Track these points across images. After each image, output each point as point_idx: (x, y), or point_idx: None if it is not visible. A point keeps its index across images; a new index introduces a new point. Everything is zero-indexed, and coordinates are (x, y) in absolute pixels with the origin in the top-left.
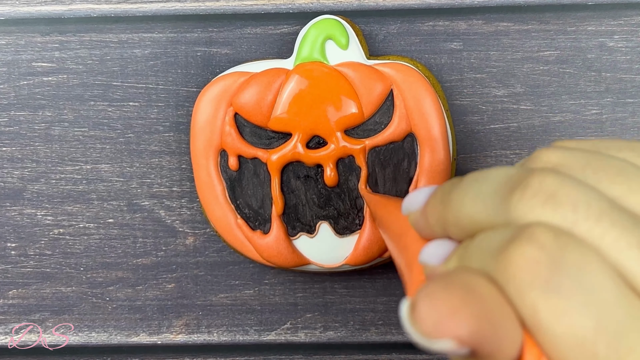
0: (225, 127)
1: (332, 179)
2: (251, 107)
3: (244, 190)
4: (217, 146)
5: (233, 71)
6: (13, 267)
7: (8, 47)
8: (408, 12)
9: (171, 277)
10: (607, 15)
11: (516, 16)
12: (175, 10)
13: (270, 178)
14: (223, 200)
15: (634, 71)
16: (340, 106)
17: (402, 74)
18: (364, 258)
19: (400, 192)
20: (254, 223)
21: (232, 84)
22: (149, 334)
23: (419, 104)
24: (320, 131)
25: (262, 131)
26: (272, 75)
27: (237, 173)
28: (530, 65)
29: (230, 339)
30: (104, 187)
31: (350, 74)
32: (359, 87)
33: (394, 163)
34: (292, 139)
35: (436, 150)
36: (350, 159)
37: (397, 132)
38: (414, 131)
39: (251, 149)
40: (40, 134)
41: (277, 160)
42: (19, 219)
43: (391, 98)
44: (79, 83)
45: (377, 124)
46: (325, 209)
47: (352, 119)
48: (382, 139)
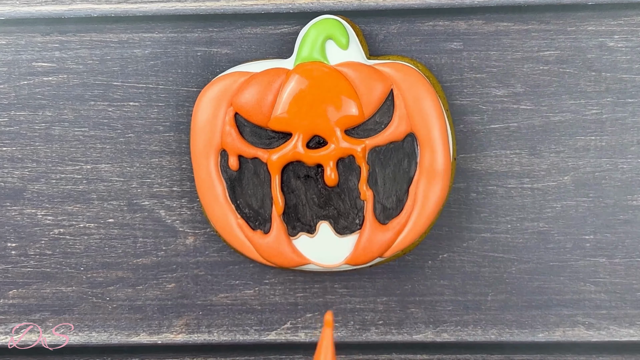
0: (225, 127)
1: (332, 179)
2: (251, 107)
3: (244, 190)
4: (218, 146)
5: (233, 71)
6: (13, 267)
7: (8, 47)
8: (408, 12)
9: (171, 277)
10: (607, 15)
11: (516, 16)
12: (176, 10)
13: (271, 178)
14: (223, 200)
15: (634, 71)
16: (340, 106)
17: (402, 74)
18: (364, 258)
19: (400, 191)
20: (254, 223)
21: (232, 84)
22: (149, 333)
23: (419, 104)
24: (321, 131)
25: (262, 131)
26: (273, 75)
27: (237, 173)
28: (530, 65)
29: (231, 338)
30: (104, 187)
31: (351, 73)
32: (359, 87)
33: (394, 163)
34: (292, 139)
35: (436, 150)
36: (351, 158)
37: (397, 132)
38: (414, 131)
39: (251, 149)
40: (40, 133)
41: (277, 160)
42: (19, 219)
43: (391, 98)
44: (79, 83)
45: (377, 124)
46: (325, 209)
47: (353, 119)
48: (382, 138)
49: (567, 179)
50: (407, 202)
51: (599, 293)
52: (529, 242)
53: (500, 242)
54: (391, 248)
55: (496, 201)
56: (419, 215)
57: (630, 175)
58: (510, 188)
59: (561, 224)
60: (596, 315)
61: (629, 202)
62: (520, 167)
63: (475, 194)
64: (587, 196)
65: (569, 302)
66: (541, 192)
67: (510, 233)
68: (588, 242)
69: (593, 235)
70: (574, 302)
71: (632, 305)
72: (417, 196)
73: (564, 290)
